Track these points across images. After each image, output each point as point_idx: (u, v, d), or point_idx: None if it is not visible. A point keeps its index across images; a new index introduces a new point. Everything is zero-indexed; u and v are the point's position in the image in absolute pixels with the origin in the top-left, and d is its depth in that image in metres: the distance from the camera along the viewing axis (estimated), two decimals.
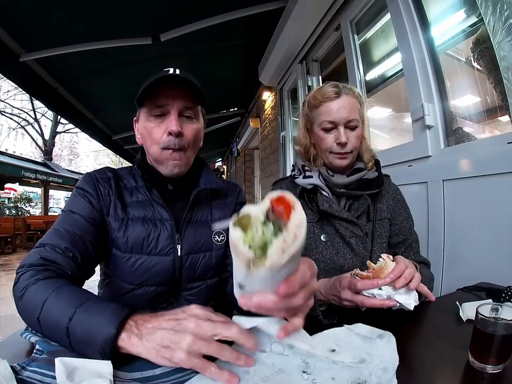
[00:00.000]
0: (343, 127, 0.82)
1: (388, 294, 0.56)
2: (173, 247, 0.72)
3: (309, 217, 0.86)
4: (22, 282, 0.53)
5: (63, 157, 20.92)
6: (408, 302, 0.54)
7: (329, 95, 0.83)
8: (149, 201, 0.74)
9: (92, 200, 0.70)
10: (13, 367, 0.40)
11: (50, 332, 0.48)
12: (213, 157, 9.84)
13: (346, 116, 0.81)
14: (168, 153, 0.71)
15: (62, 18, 2.12)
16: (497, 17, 0.95)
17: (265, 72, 3.18)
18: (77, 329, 0.45)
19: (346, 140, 0.81)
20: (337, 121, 0.82)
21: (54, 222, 0.68)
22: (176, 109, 0.70)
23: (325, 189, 0.86)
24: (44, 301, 0.49)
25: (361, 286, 0.59)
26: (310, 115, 0.89)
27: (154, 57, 2.78)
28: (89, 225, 0.67)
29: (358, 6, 1.84)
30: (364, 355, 0.42)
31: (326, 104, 0.83)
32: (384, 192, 0.92)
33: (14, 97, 13.78)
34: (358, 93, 0.86)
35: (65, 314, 0.46)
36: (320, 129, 0.85)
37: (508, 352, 0.44)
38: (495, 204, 0.99)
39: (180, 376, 0.43)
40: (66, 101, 3.36)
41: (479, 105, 1.34)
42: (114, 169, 0.81)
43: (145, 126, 0.72)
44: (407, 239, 0.89)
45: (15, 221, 6.77)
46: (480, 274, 0.90)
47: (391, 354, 0.41)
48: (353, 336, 0.46)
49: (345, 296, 0.63)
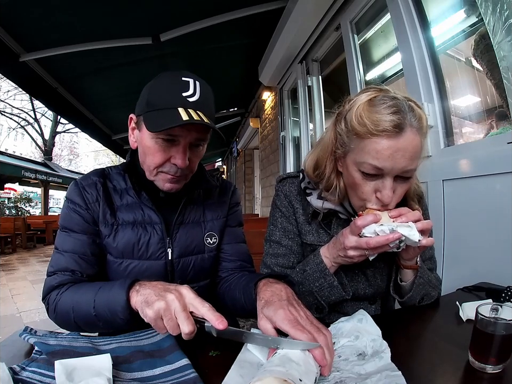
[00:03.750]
0: (392, 178, 0.58)
1: (390, 227, 0.53)
2: (164, 251, 0.71)
3: (322, 238, 0.74)
4: (51, 305, 0.64)
5: (63, 157, 20.92)
6: (412, 233, 0.52)
7: (387, 128, 0.55)
8: (138, 204, 0.72)
9: (81, 211, 0.70)
10: (12, 368, 0.40)
11: (87, 324, 0.59)
12: (213, 156, 9.84)
13: (403, 166, 0.57)
14: (166, 176, 0.68)
15: (62, 18, 2.12)
16: (497, 17, 0.95)
17: (265, 72, 3.18)
18: (102, 312, 0.55)
19: (390, 199, 0.59)
20: (387, 171, 0.57)
21: (55, 239, 0.73)
22: (188, 140, 0.65)
23: (343, 212, 0.71)
24: (72, 306, 0.60)
25: (361, 221, 0.55)
26: (347, 141, 0.62)
27: (154, 57, 2.78)
28: (85, 239, 0.70)
29: (358, 6, 1.84)
30: (355, 333, 0.50)
31: (378, 141, 0.56)
32: None
33: (14, 97, 13.79)
34: (425, 121, 0.60)
35: (89, 305, 0.56)
36: (358, 170, 0.61)
37: (508, 352, 0.44)
38: (495, 204, 0.99)
39: (179, 376, 0.42)
40: (66, 101, 3.36)
41: (479, 105, 1.34)
42: (101, 171, 0.77)
43: (149, 146, 0.66)
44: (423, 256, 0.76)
45: (15, 221, 6.76)
46: (480, 274, 0.90)
47: (373, 328, 0.51)
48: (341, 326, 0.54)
49: (349, 244, 0.58)
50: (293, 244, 0.76)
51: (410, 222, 0.55)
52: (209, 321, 0.46)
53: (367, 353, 0.46)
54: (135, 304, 0.51)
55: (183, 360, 0.45)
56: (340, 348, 0.49)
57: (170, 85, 0.64)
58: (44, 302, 0.67)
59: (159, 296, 0.49)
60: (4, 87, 13.55)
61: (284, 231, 0.77)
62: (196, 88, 0.63)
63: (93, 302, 0.56)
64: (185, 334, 0.46)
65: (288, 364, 0.39)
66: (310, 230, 0.74)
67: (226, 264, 0.80)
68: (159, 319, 0.47)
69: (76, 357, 0.43)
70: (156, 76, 0.67)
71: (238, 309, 0.68)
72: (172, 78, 0.65)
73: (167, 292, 0.49)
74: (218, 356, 0.50)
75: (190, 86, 0.63)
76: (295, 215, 0.76)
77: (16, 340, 0.51)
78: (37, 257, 6.05)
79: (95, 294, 0.57)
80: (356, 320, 0.53)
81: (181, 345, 0.50)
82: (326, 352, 0.42)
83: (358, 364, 0.44)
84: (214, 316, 0.46)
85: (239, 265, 0.80)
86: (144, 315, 0.49)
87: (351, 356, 0.47)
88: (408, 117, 0.57)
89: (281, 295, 0.52)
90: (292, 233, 0.76)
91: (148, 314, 0.48)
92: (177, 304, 0.47)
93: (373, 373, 0.41)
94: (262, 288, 0.56)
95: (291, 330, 0.44)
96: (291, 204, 0.76)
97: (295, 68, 2.79)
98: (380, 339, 0.48)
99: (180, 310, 0.46)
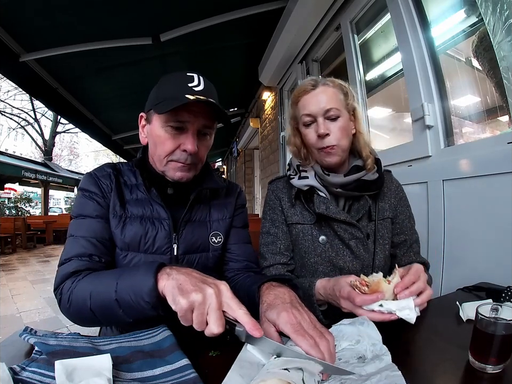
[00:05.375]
0: (322, 118, 0.78)
1: (389, 309, 0.54)
2: (170, 247, 0.72)
3: (306, 218, 0.85)
4: (65, 294, 0.60)
5: (63, 157, 20.92)
6: (409, 316, 0.53)
7: (305, 88, 0.80)
8: (148, 199, 0.74)
9: (98, 199, 0.71)
10: (12, 368, 0.40)
11: (105, 314, 0.54)
12: (213, 156, 9.84)
13: (323, 106, 0.78)
14: (176, 165, 0.70)
15: (62, 18, 2.12)
16: (497, 17, 0.94)
17: (265, 72, 3.18)
18: (124, 296, 0.50)
19: (325, 131, 0.77)
20: (314, 113, 0.79)
21: (68, 229, 0.71)
22: (196, 127, 0.68)
23: (322, 190, 0.83)
24: (90, 292, 0.55)
25: (360, 302, 0.55)
26: (294, 113, 0.86)
27: (154, 57, 2.78)
28: (102, 224, 0.70)
29: (358, 6, 1.84)
30: (357, 337, 0.50)
31: (303, 98, 0.81)
32: (386, 190, 0.87)
33: (14, 97, 13.80)
34: (339, 83, 0.82)
35: (110, 290, 0.52)
36: (302, 125, 0.83)
37: (508, 352, 0.44)
38: (495, 204, 0.99)
39: (179, 376, 0.42)
40: (66, 101, 3.37)
41: (479, 105, 1.34)
42: (114, 164, 0.80)
43: (159, 135, 0.69)
44: (408, 239, 0.86)
45: (15, 221, 6.76)
46: (480, 274, 0.90)
47: (374, 333, 0.50)
48: (342, 328, 0.53)
49: (345, 306, 0.60)
50: (279, 231, 0.87)
51: (411, 299, 0.55)
52: (244, 326, 0.43)
53: (367, 357, 0.46)
54: (164, 288, 0.47)
55: (183, 360, 0.45)
56: (340, 351, 0.49)
57: (176, 79, 0.69)
58: (56, 294, 0.63)
59: (196, 286, 0.45)
60: (4, 87, 13.57)
61: (271, 221, 0.88)
62: (200, 80, 0.68)
63: (115, 285, 0.52)
64: (212, 333, 0.43)
65: (291, 366, 0.39)
66: (295, 212, 0.86)
67: (233, 264, 0.81)
68: (189, 311, 0.44)
69: (76, 357, 0.43)
70: (155, 76, 0.70)
71: None
72: (176, 75, 0.70)
73: (206, 285, 0.46)
74: (218, 356, 0.50)
75: (195, 79, 0.67)
76: (281, 205, 0.88)
77: (16, 340, 0.51)
78: (37, 257, 6.05)
79: (118, 277, 0.53)
80: (357, 324, 0.53)
81: (181, 345, 0.50)
82: (327, 357, 0.42)
83: (358, 365, 0.44)
84: (251, 321, 0.43)
85: (245, 265, 0.81)
86: (176, 302, 0.44)
87: (351, 358, 0.47)
88: (320, 80, 0.81)
89: (285, 298, 0.52)
90: (277, 222, 0.87)
91: (180, 302, 0.44)
92: (214, 301, 0.44)
93: (373, 373, 0.41)
94: (265, 292, 0.56)
95: (293, 335, 0.44)
96: (277, 196, 0.89)
97: (295, 68, 2.79)
98: (380, 344, 0.48)
99: (215, 308, 0.44)
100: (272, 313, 0.48)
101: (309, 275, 0.84)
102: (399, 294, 0.55)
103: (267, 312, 0.49)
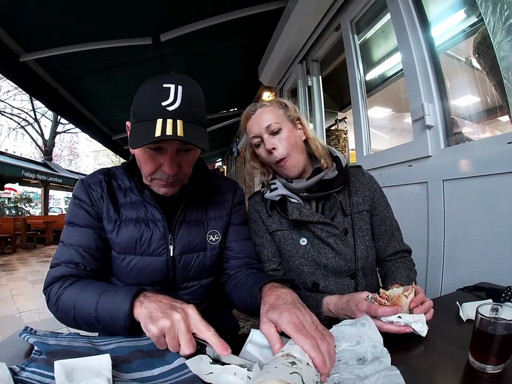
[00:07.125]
0: (267, 134, 0.84)
1: (406, 321, 0.57)
2: (166, 248, 0.72)
3: (284, 225, 0.90)
4: (53, 297, 0.64)
5: (63, 157, 20.92)
6: (422, 329, 0.56)
7: (248, 114, 0.88)
8: (141, 201, 0.74)
9: (87, 208, 0.73)
10: (12, 369, 0.40)
11: (86, 324, 0.60)
12: (213, 156, 9.84)
13: (263, 125, 0.84)
14: (160, 182, 0.69)
15: (62, 18, 2.12)
16: (497, 17, 0.94)
17: (265, 72, 3.18)
18: (103, 315, 0.55)
19: (271, 146, 0.83)
20: (258, 133, 0.86)
21: (61, 234, 0.75)
22: (175, 147, 0.64)
23: (293, 196, 0.88)
24: (74, 303, 0.60)
25: (382, 312, 0.58)
26: (247, 140, 0.93)
27: (154, 57, 2.78)
28: (90, 234, 0.71)
29: (358, 6, 1.84)
30: (357, 338, 0.50)
31: (248, 124, 0.89)
32: (358, 184, 0.92)
33: (14, 97, 13.79)
34: (277, 100, 0.90)
35: (91, 306, 0.56)
36: (255, 147, 0.89)
37: (508, 352, 0.44)
38: (495, 204, 0.99)
39: (178, 375, 0.43)
40: (66, 101, 3.36)
41: (479, 105, 1.34)
42: (107, 170, 0.80)
43: (139, 154, 0.67)
44: (389, 229, 0.90)
45: (15, 221, 6.76)
46: (480, 274, 0.90)
47: (375, 335, 0.51)
48: (343, 329, 0.54)
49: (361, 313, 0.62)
50: (263, 240, 0.92)
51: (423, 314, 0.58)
52: (213, 346, 0.46)
53: (367, 359, 0.46)
54: (138, 315, 0.51)
55: (181, 359, 0.46)
56: (340, 352, 0.49)
57: (151, 94, 0.62)
58: (45, 293, 0.68)
59: (164, 313, 0.48)
60: (4, 87, 13.57)
61: (255, 232, 0.93)
62: (177, 94, 0.60)
63: (96, 304, 0.56)
64: (185, 354, 0.46)
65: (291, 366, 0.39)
66: (273, 221, 0.91)
67: (234, 262, 0.81)
68: (161, 336, 0.47)
69: (76, 357, 0.43)
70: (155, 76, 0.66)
71: (245, 308, 0.68)
72: (153, 86, 0.63)
73: (173, 311, 0.49)
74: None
75: (171, 94, 0.60)
76: (260, 216, 0.94)
77: (16, 340, 0.51)
78: (37, 257, 6.05)
79: (99, 296, 0.57)
80: (359, 325, 0.53)
81: None
82: (327, 360, 0.42)
83: (358, 367, 0.44)
84: (219, 341, 0.46)
85: (246, 262, 0.81)
86: (147, 330, 0.48)
87: (351, 360, 0.47)
88: (259, 104, 0.88)
89: (287, 299, 0.52)
90: (260, 232, 0.93)
91: (151, 330, 0.47)
92: (182, 325, 0.47)
93: (372, 374, 0.41)
94: (267, 293, 0.56)
95: (295, 335, 0.44)
96: (256, 209, 0.95)
97: (295, 68, 2.78)
98: (381, 346, 0.48)
99: (184, 332, 0.46)
100: (274, 314, 0.48)
101: (296, 277, 0.87)
102: (415, 309, 0.59)
103: (269, 313, 0.49)
